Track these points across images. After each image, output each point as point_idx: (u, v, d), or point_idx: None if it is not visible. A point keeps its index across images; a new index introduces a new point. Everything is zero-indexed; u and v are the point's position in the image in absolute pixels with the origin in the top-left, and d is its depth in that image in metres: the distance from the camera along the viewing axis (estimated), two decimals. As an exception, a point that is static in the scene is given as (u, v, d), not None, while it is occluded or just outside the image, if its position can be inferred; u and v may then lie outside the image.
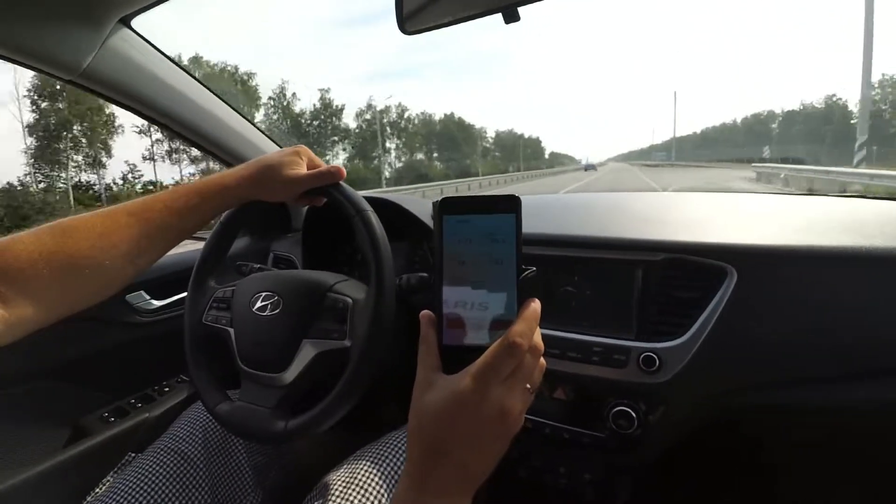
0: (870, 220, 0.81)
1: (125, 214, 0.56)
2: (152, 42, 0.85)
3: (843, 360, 0.65)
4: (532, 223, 0.90)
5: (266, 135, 1.04)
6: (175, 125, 0.90)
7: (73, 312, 0.54)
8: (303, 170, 0.63)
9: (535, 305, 0.35)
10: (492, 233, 0.35)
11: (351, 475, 0.61)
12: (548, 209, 1.06)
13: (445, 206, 0.35)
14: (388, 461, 0.64)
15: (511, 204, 0.35)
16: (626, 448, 0.71)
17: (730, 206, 0.99)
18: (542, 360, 0.36)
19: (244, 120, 1.00)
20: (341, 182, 0.64)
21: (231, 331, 0.66)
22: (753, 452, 0.86)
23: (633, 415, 0.69)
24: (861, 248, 0.65)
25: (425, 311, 0.36)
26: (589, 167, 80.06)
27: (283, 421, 0.59)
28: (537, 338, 0.35)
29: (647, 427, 0.69)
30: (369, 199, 0.68)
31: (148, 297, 0.99)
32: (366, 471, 0.62)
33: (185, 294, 1.01)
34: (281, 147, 1.02)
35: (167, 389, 1.03)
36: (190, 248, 0.97)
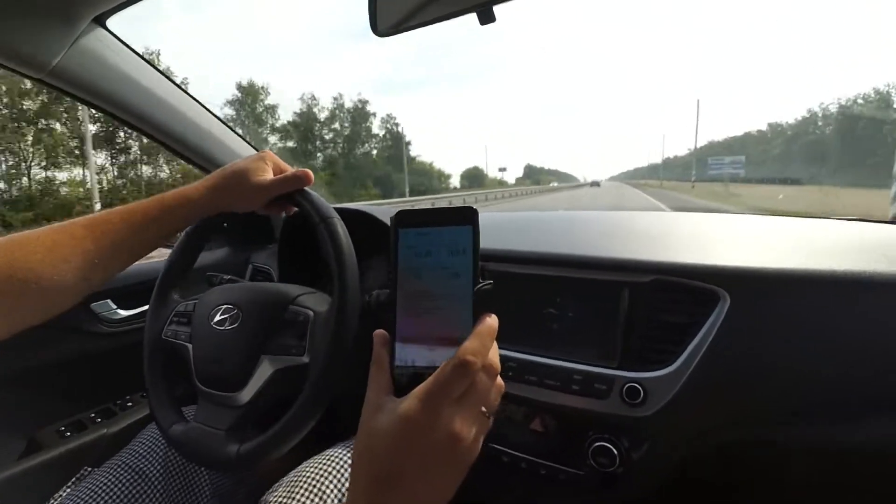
0: (871, 244, 0.77)
1: (80, 227, 0.54)
2: (128, 43, 0.83)
3: (845, 393, 0.60)
4: (516, 240, 0.85)
5: (244, 139, 1.01)
6: (148, 128, 0.88)
7: (19, 330, 0.51)
8: (269, 175, 0.61)
9: (491, 321, 0.33)
10: (448, 245, 0.34)
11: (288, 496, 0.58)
12: (535, 226, 1.02)
13: (401, 219, 0.35)
14: (330, 479, 0.61)
15: (468, 216, 0.34)
16: (607, 487, 0.65)
17: (723, 226, 0.95)
18: (499, 380, 0.33)
19: (222, 124, 0.97)
20: (308, 189, 0.62)
21: (189, 346, 0.63)
22: (746, 491, 0.79)
23: (615, 451, 0.63)
24: (864, 272, 0.60)
25: (379, 331, 0.35)
26: (594, 183, 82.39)
27: (236, 445, 0.55)
28: (493, 356, 0.32)
29: (630, 465, 0.63)
30: (343, 210, 0.64)
31: (114, 307, 0.95)
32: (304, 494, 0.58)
33: None
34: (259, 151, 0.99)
35: (129, 404, 0.99)
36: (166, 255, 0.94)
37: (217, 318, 0.62)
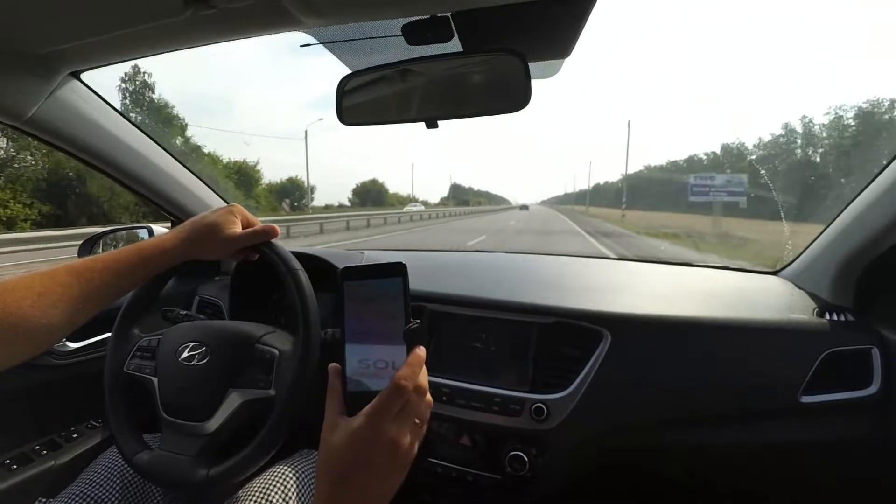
0: (717, 291, 1.01)
1: (66, 274, 0.58)
2: (101, 94, 0.90)
3: (699, 408, 0.81)
4: (451, 282, 1.01)
5: (213, 189, 1.08)
6: (121, 176, 0.93)
7: (5, 368, 0.54)
8: (238, 228, 0.67)
9: (419, 352, 0.41)
10: (384, 294, 0.42)
11: None
12: (469, 266, 1.20)
13: (346, 274, 0.43)
14: (276, 492, 0.67)
15: (398, 270, 0.42)
16: (520, 489, 0.82)
17: (609, 273, 1.18)
18: (428, 397, 0.42)
19: (192, 175, 1.04)
20: (273, 240, 0.70)
21: (154, 380, 0.68)
22: (639, 492, 0.98)
23: (525, 458, 0.79)
24: (707, 318, 0.83)
25: (333, 364, 0.42)
26: (523, 207, 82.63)
27: (205, 469, 0.62)
28: (422, 379, 0.40)
29: (537, 469, 0.80)
30: (300, 255, 0.73)
31: (63, 339, 0.97)
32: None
33: (103, 336, 0.99)
34: (227, 202, 1.07)
35: (75, 435, 0.99)
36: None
37: (185, 353, 0.68)
